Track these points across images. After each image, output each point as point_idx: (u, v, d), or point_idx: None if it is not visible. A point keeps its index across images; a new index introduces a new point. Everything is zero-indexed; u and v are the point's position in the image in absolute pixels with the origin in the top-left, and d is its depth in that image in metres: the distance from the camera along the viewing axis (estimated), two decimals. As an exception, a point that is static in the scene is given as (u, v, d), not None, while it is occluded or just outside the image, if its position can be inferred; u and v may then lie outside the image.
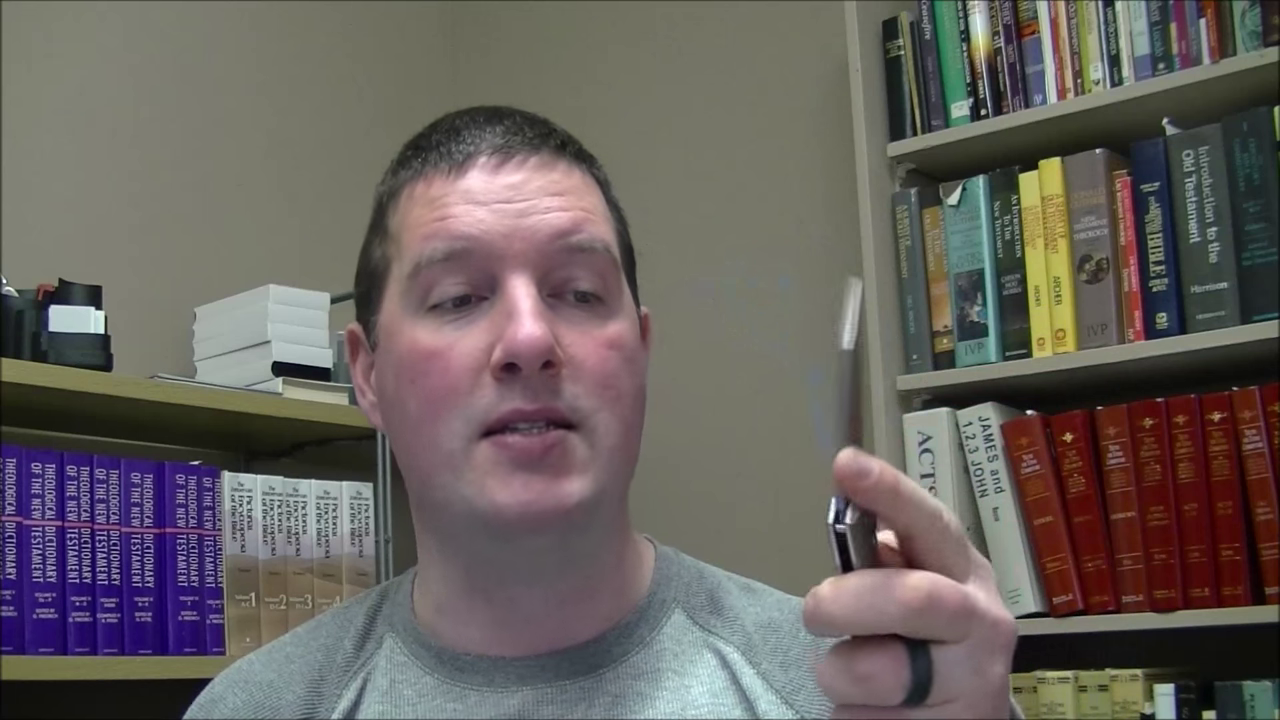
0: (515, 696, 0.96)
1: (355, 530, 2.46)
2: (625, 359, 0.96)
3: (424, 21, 3.19)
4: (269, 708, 1.01)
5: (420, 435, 0.95)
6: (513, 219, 0.95)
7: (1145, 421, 2.18)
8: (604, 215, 1.00)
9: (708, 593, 1.04)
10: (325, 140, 2.95)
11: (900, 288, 2.42)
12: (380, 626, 1.03)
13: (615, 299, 0.98)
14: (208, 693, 1.06)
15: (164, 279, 2.62)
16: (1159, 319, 2.21)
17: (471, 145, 0.98)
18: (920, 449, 2.35)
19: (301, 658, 1.03)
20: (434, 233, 0.95)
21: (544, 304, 0.94)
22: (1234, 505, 2.11)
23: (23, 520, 2.07)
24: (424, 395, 0.94)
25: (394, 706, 0.98)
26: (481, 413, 0.92)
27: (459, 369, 0.93)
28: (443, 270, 0.94)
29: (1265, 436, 2.09)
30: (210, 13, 2.78)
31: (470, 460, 0.92)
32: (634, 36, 2.99)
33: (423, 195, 0.98)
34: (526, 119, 1.00)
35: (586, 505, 0.93)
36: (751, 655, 0.99)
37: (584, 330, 0.95)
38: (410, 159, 1.02)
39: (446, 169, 0.98)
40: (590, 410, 0.93)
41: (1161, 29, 2.25)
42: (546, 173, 0.97)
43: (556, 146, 0.99)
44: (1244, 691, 2.06)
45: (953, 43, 2.43)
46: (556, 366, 0.92)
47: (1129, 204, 2.24)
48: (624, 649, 0.99)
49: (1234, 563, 2.11)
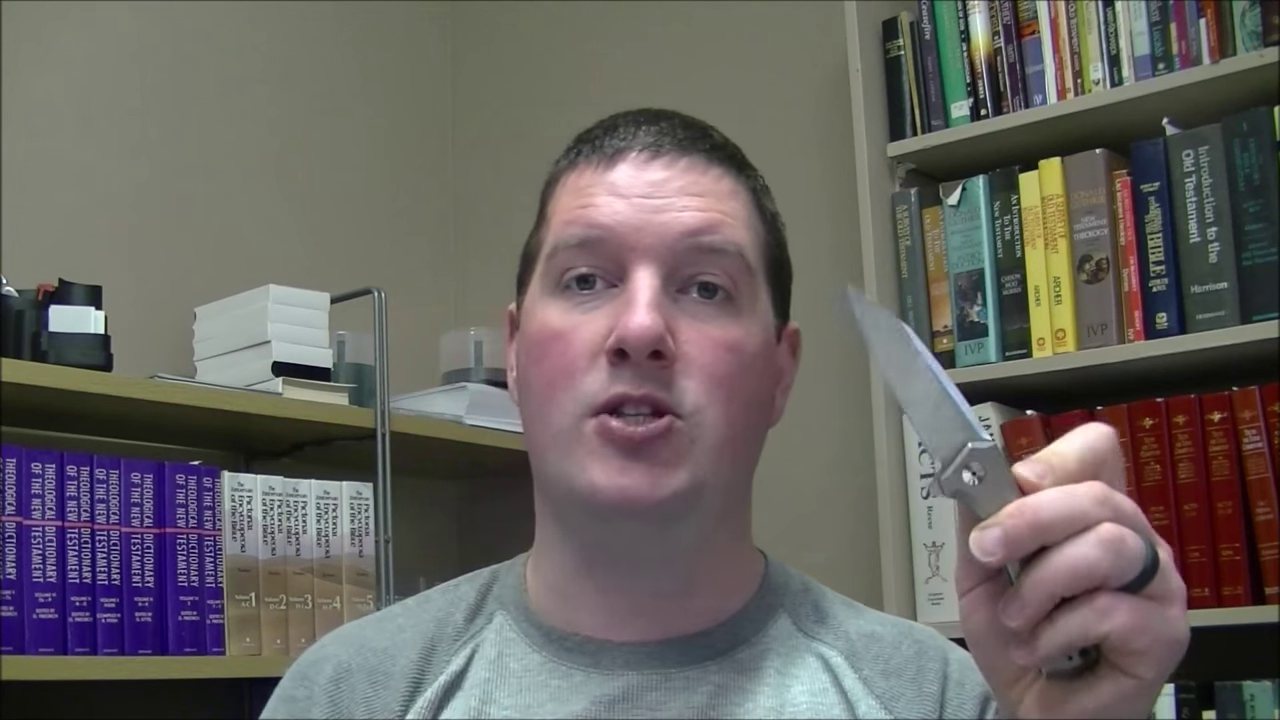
0: (620, 680, 0.98)
1: (355, 530, 2.46)
2: (742, 363, 0.98)
3: (424, 22, 3.18)
4: (384, 672, 1.03)
5: (538, 413, 0.99)
6: (648, 214, 0.98)
7: (1145, 421, 2.18)
8: (747, 222, 1.01)
9: (813, 603, 1.07)
10: (325, 140, 2.95)
11: (900, 288, 2.42)
12: (491, 604, 1.06)
13: (746, 303, 1.00)
14: (318, 651, 1.07)
15: (164, 279, 2.62)
16: (1159, 319, 2.21)
17: (624, 141, 1.01)
18: (920, 449, 2.35)
19: (414, 627, 1.05)
20: (574, 219, 0.99)
21: (666, 298, 0.96)
22: (1234, 505, 2.11)
23: (23, 520, 2.07)
24: (544, 374, 0.98)
25: (499, 675, 1.01)
26: (591, 394, 0.95)
27: (577, 351, 0.96)
28: (576, 255, 0.98)
29: (1265, 436, 2.09)
30: (210, 13, 2.78)
31: (578, 438, 0.95)
32: (634, 36, 2.99)
33: (573, 184, 1.02)
34: (685, 122, 1.04)
35: (682, 496, 0.95)
36: (854, 660, 1.02)
37: (703, 329, 0.97)
38: (569, 150, 1.05)
39: (597, 161, 1.01)
40: (697, 405, 0.95)
41: (1161, 29, 2.25)
42: (692, 174, 1.00)
43: (707, 150, 1.02)
44: (1244, 691, 2.06)
45: (953, 43, 2.43)
46: (668, 358, 0.95)
47: (1129, 204, 2.24)
48: (729, 644, 1.01)
49: (1234, 563, 2.11)
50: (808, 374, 2.88)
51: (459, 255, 3.15)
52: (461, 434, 2.64)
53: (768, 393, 1.03)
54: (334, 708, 1.02)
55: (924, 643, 1.04)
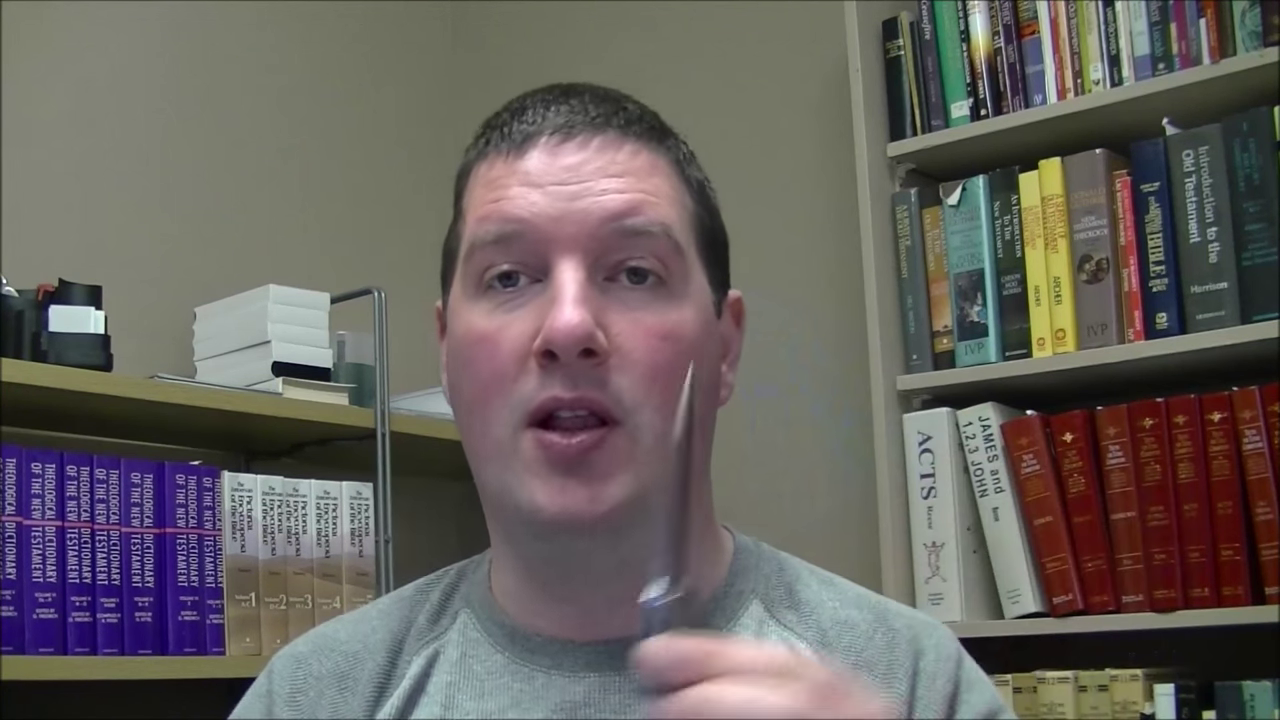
0: (582, 683, 0.96)
1: (355, 530, 2.46)
2: (680, 350, 0.93)
3: (425, 22, 3.18)
4: (352, 677, 1.01)
5: (473, 420, 0.95)
6: (565, 201, 0.93)
7: (1145, 421, 2.18)
8: (671, 197, 0.97)
9: (786, 585, 1.02)
10: (325, 140, 2.95)
11: (900, 288, 2.42)
12: (456, 602, 1.03)
13: (679, 284, 0.95)
14: (291, 650, 1.06)
15: (164, 279, 2.62)
16: (1159, 319, 2.21)
17: (533, 125, 0.96)
18: (920, 449, 2.35)
19: (384, 628, 1.03)
20: (488, 214, 0.95)
21: (595, 289, 0.92)
22: (1234, 505, 2.11)
23: (23, 520, 2.07)
24: (474, 379, 0.94)
25: (463, 678, 0.98)
26: (524, 400, 0.91)
27: (506, 354, 0.92)
28: (494, 252, 0.94)
29: (1265, 436, 2.09)
30: (210, 14, 2.78)
31: (516, 451, 0.92)
32: (633, 36, 2.99)
33: (485, 176, 0.97)
34: (596, 97, 0.99)
35: (623, 508, 0.91)
36: (824, 654, 0.98)
37: (637, 318, 0.93)
38: (478, 139, 1.01)
39: (507, 150, 0.97)
40: (635, 405, 0.91)
41: (1161, 29, 2.25)
42: (608, 153, 0.95)
43: (621, 125, 0.97)
44: (1244, 691, 2.06)
45: (953, 43, 2.43)
46: (601, 356, 0.91)
47: (1129, 204, 2.24)
48: None
49: (1234, 563, 2.11)
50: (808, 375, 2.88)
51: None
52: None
53: (713, 374, 0.98)
54: (295, 709, 1.01)
55: (897, 632, 1.00)
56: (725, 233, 1.03)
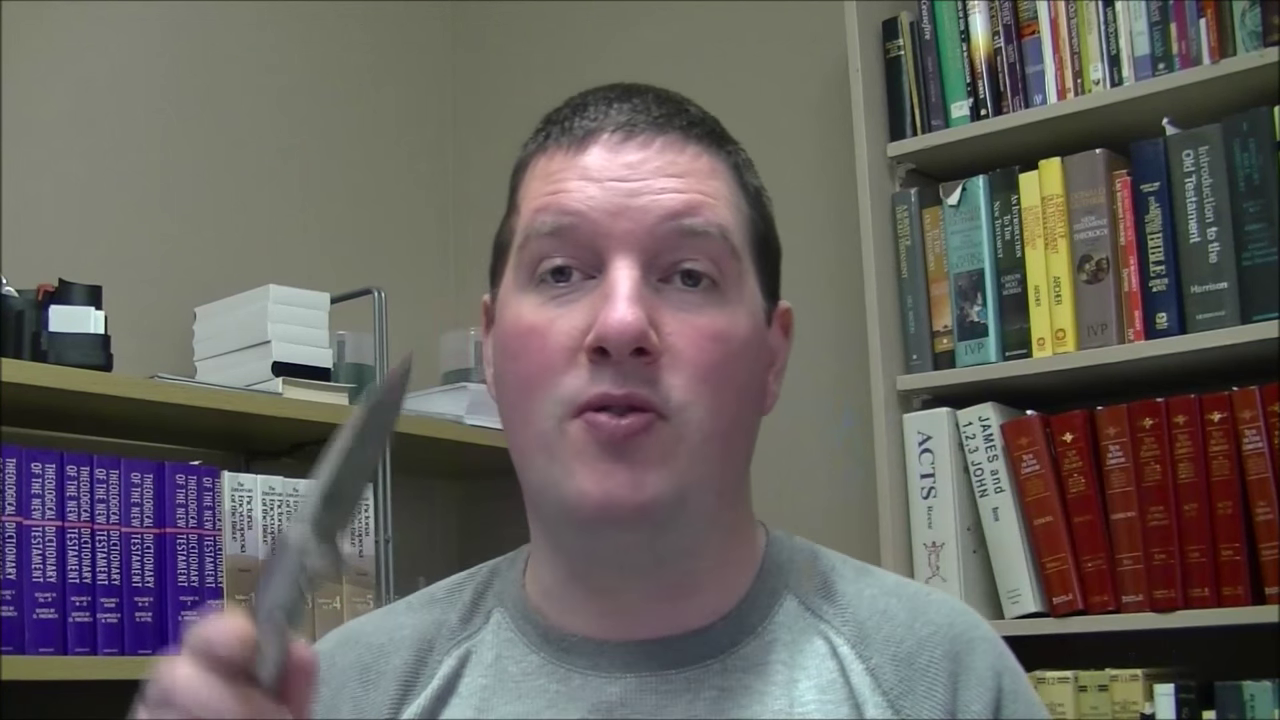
0: (618, 684, 0.95)
1: (355, 530, 2.46)
2: (730, 353, 0.93)
3: (425, 22, 3.18)
4: (375, 670, 1.00)
5: (517, 413, 0.94)
6: (623, 198, 0.93)
7: (1145, 421, 2.18)
8: (729, 201, 0.96)
9: (821, 575, 1.01)
10: (326, 140, 2.95)
11: (900, 288, 2.42)
12: (489, 601, 1.03)
13: (732, 288, 0.95)
14: (320, 644, 1.05)
15: (164, 279, 2.62)
16: (1159, 319, 2.21)
17: (594, 122, 0.96)
18: (920, 449, 2.35)
19: (412, 625, 1.02)
20: (545, 206, 0.94)
21: (648, 288, 0.92)
22: (1234, 505, 2.11)
23: (23, 520, 2.07)
24: (521, 372, 0.93)
25: (498, 680, 0.98)
26: (571, 394, 0.91)
27: (555, 348, 0.92)
28: (549, 244, 0.93)
29: (1265, 436, 2.09)
30: (210, 14, 2.78)
31: (563, 440, 0.91)
32: (633, 36, 2.99)
33: (543, 170, 0.97)
34: (659, 98, 0.99)
35: (666, 501, 0.91)
36: (862, 647, 0.97)
37: (688, 319, 0.92)
38: (537, 133, 1.00)
39: (567, 145, 0.96)
40: (683, 403, 0.91)
41: (1161, 29, 2.25)
42: (669, 154, 0.95)
43: (684, 126, 0.97)
44: (1244, 691, 2.06)
45: (953, 43, 2.43)
46: (652, 354, 0.90)
47: (1129, 204, 2.24)
48: (732, 639, 0.97)
49: (1234, 563, 2.11)
50: (808, 374, 2.88)
51: (459, 255, 3.15)
52: (461, 434, 2.64)
53: (759, 380, 0.99)
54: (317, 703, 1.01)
55: (938, 627, 0.99)
56: (779, 242, 1.03)
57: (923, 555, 2.32)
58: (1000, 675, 0.98)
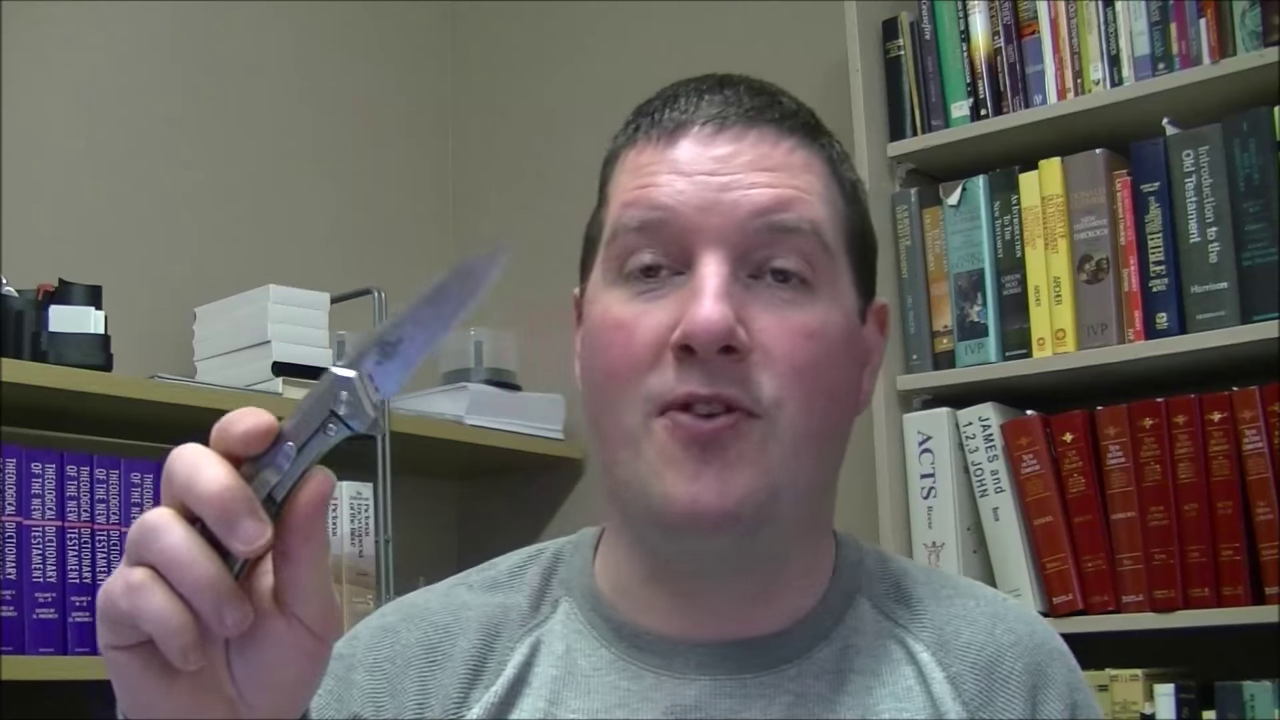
0: (693, 686, 0.93)
1: (355, 530, 2.46)
2: (823, 350, 0.91)
3: (424, 22, 3.18)
4: (442, 651, 0.98)
5: (604, 408, 0.93)
6: (714, 192, 0.91)
7: (1145, 421, 2.18)
8: (823, 196, 0.94)
9: (893, 580, 1.00)
10: (325, 140, 2.95)
11: (900, 288, 2.42)
12: (556, 588, 1.00)
13: (825, 286, 0.93)
14: (379, 620, 1.02)
15: (164, 279, 2.62)
16: (1159, 319, 2.21)
17: (685, 114, 0.94)
18: (920, 449, 2.35)
19: (479, 607, 0.99)
20: (633, 200, 0.93)
21: (738, 285, 0.90)
22: (1234, 505, 2.11)
23: (23, 520, 2.07)
24: (607, 367, 0.92)
25: (568, 673, 0.95)
26: (659, 392, 0.89)
27: (641, 343, 0.90)
28: (637, 239, 0.92)
29: (1265, 436, 2.09)
30: (210, 14, 2.78)
31: (649, 437, 0.89)
32: (633, 38, 2.99)
33: (633, 163, 0.95)
34: (751, 89, 0.96)
35: (755, 503, 0.89)
36: (943, 654, 0.96)
37: (780, 315, 0.90)
38: (627, 125, 0.99)
39: (657, 137, 0.94)
40: (775, 402, 0.89)
41: (1161, 29, 2.25)
42: (761, 147, 0.93)
43: (776, 120, 0.94)
44: (1244, 691, 2.06)
45: (953, 43, 2.43)
46: (741, 352, 0.88)
47: (1129, 204, 2.24)
48: (808, 644, 0.95)
49: (1234, 563, 2.11)
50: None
51: (458, 255, 3.14)
52: (461, 434, 2.64)
53: (853, 379, 0.97)
54: (378, 678, 0.97)
55: (1019, 636, 0.98)
56: (875, 237, 1.01)
57: (923, 555, 2.32)
58: (1075, 690, 0.99)
